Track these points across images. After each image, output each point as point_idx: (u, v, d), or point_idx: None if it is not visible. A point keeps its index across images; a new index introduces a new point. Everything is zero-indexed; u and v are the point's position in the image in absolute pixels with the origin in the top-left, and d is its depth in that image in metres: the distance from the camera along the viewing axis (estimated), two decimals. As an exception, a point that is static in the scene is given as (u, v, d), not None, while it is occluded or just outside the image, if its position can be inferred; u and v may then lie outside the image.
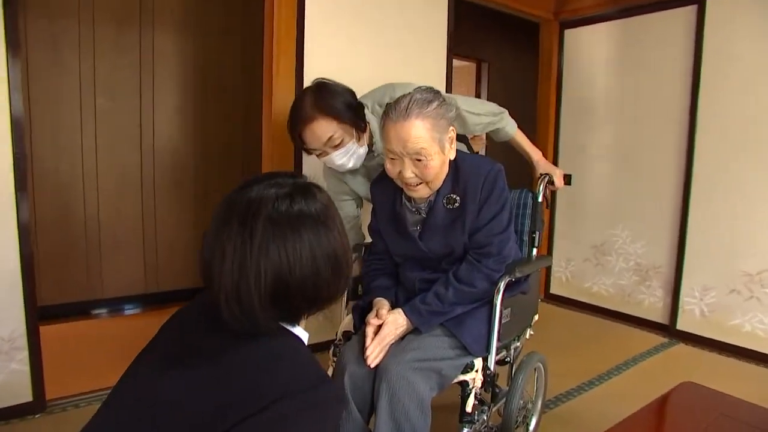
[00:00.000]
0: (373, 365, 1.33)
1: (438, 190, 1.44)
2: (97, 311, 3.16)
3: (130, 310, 3.26)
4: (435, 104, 1.33)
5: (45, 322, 2.91)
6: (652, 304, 3.21)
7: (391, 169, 1.40)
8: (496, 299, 1.41)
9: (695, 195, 2.93)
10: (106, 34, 3.03)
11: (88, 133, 3.04)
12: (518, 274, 1.45)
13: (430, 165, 1.35)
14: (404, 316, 1.40)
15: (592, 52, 3.44)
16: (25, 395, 1.95)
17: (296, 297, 0.76)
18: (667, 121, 3.06)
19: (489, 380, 1.43)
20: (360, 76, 2.59)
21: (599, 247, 3.46)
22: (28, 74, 2.82)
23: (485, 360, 1.42)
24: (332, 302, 0.84)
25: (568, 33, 3.56)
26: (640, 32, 3.18)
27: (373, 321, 1.38)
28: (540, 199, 1.75)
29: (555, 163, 3.63)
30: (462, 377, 1.40)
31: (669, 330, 3.07)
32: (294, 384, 0.71)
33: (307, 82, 2.41)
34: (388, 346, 1.36)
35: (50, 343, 2.60)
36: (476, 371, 1.41)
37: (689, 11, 2.93)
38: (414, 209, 1.49)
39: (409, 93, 1.35)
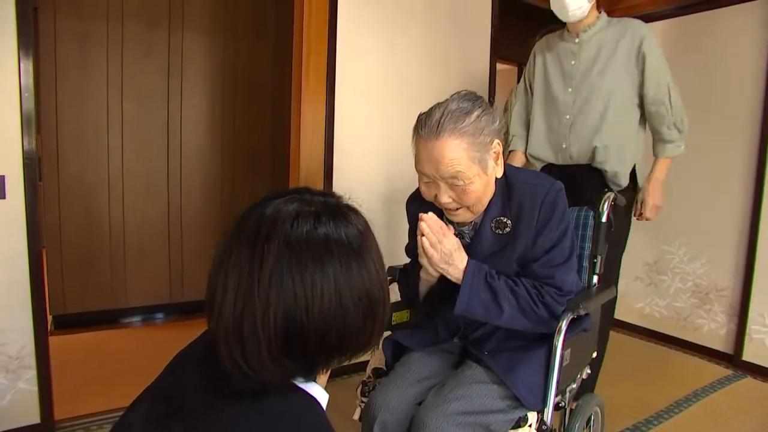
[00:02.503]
0: (426, 232, 1.13)
1: (486, 211, 1.23)
2: (120, 320, 3.07)
3: (154, 320, 3.16)
4: (474, 116, 1.11)
5: (68, 330, 2.86)
6: (712, 331, 2.90)
7: (426, 192, 1.21)
8: (557, 341, 1.19)
9: (767, 209, 2.62)
10: (135, 35, 2.95)
11: (114, 135, 2.96)
12: (582, 312, 1.23)
13: (470, 189, 1.14)
14: (464, 259, 1.17)
15: (647, 52, 3.16)
16: (33, 417, 1.83)
17: (313, 344, 0.60)
18: (733, 127, 2.76)
19: (544, 435, 1.21)
20: (396, 79, 2.43)
21: (652, 265, 3.16)
22: (56, 74, 2.76)
23: (540, 412, 1.20)
24: (361, 353, 0.66)
25: (621, 32, 3.28)
26: (701, 31, 2.89)
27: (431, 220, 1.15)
28: (604, 219, 1.51)
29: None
30: (513, 433, 1.18)
31: (733, 360, 2.76)
32: None
33: (339, 84, 2.27)
34: (435, 254, 1.14)
35: (68, 355, 2.52)
36: (529, 426, 1.19)
37: (760, 5, 2.63)
38: (457, 233, 1.28)
39: (444, 102, 1.14)
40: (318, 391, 0.64)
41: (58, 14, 2.72)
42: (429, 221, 1.14)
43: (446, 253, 1.15)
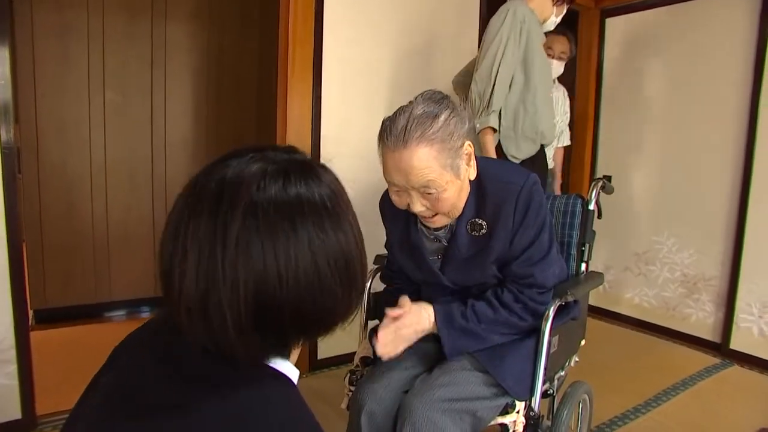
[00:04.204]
0: (385, 357, 1.11)
1: (461, 213, 1.18)
2: (103, 315, 3.02)
3: (139, 315, 3.11)
4: (442, 119, 1.04)
5: (49, 325, 2.81)
6: (700, 320, 2.91)
7: (398, 201, 1.14)
8: (545, 328, 1.17)
9: (754, 200, 2.63)
10: (116, 25, 2.88)
11: (96, 127, 2.90)
12: (570, 298, 1.22)
13: (443, 197, 1.08)
14: (432, 314, 1.17)
15: (636, 42, 3.16)
16: (14, 412, 1.79)
17: (288, 318, 0.53)
18: (722, 117, 2.76)
19: (532, 422, 1.20)
20: (383, 67, 2.40)
21: (641, 255, 3.17)
22: (35, 65, 2.70)
23: (528, 400, 1.19)
24: (337, 326, 0.60)
25: (610, 22, 3.27)
26: (691, 20, 2.89)
27: (391, 312, 1.15)
28: (591, 207, 1.50)
29: (593, 163, 3.37)
30: (501, 420, 1.17)
31: (721, 349, 2.78)
32: None
33: (326, 74, 2.24)
34: (403, 343, 1.13)
35: (50, 349, 2.48)
36: (517, 412, 1.18)
37: (749, -5, 2.63)
38: (432, 236, 1.24)
39: (408, 106, 1.06)
40: (288, 367, 0.59)
41: (35, 4, 2.65)
42: (380, 341, 1.11)
43: (410, 336, 1.15)
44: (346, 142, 2.33)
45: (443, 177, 1.06)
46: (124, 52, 2.92)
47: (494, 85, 1.93)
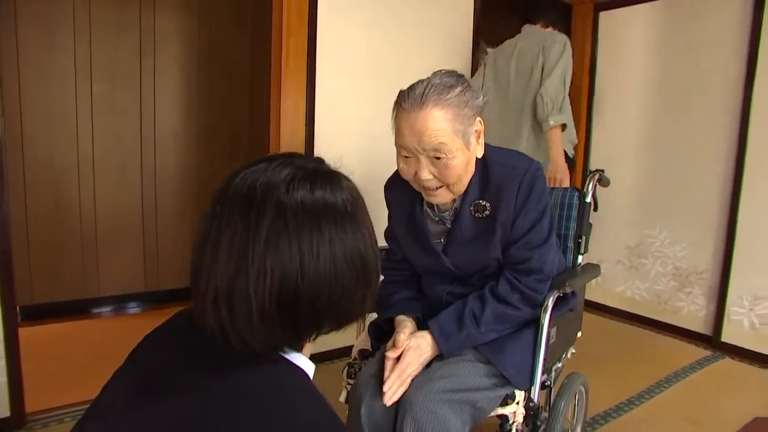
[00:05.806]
0: (389, 403, 1.09)
1: (465, 195, 1.19)
2: (92, 310, 2.97)
3: (128, 310, 3.07)
4: (458, 90, 1.10)
5: (35, 322, 2.75)
6: (692, 313, 2.93)
7: (406, 170, 1.16)
8: (544, 318, 1.17)
9: (746, 194, 2.64)
10: (104, 14, 2.82)
11: (83, 119, 2.84)
12: (568, 289, 1.21)
13: (452, 164, 1.10)
14: (430, 339, 1.16)
15: (629, 36, 3.16)
16: (2, 410, 1.75)
17: (305, 308, 0.58)
18: (715, 111, 2.77)
19: (532, 413, 1.19)
20: (377, 61, 2.38)
21: (633, 249, 3.18)
22: (18, 56, 2.63)
23: (527, 390, 1.18)
24: (349, 321, 0.65)
25: (603, 15, 3.27)
26: (684, 14, 2.89)
27: (390, 354, 1.14)
28: (588, 199, 1.50)
29: (586, 157, 3.38)
30: (501, 411, 1.16)
31: (712, 342, 2.80)
32: None
33: (320, 66, 2.21)
34: (410, 379, 1.13)
35: (37, 346, 2.43)
36: (517, 403, 1.17)
37: (743, -11, 2.64)
38: (437, 218, 1.25)
39: (426, 78, 1.12)
40: (304, 362, 0.62)
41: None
42: (387, 392, 1.09)
43: (417, 371, 1.14)
44: (341, 134, 2.30)
45: (454, 143, 1.09)
46: (111, 43, 2.86)
47: (565, 93, 2.33)
